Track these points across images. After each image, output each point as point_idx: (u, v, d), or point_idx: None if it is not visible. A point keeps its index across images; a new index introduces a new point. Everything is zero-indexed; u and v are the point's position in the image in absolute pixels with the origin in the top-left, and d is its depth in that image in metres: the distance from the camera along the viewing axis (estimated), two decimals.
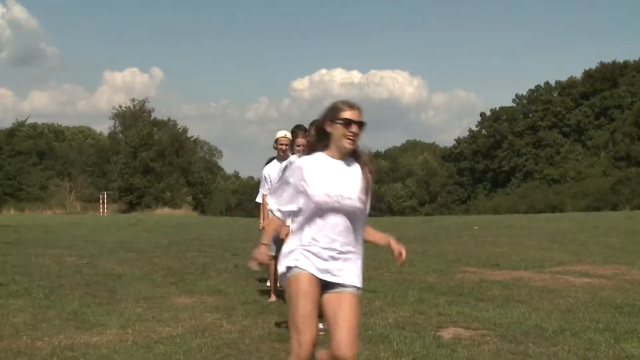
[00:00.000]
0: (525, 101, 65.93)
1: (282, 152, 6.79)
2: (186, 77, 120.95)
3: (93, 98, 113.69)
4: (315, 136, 3.39)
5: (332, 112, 3.25)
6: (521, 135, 62.59)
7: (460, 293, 7.37)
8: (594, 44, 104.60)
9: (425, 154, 71.99)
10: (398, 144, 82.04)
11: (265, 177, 7.05)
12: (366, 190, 3.23)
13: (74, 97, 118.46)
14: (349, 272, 3.21)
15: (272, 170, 6.92)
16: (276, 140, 6.82)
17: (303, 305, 3.12)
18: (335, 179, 3.20)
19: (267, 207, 3.55)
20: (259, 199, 7.17)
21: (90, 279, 8.62)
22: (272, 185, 6.71)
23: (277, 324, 5.71)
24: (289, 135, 6.65)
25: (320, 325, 4.01)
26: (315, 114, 6.04)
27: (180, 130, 53.36)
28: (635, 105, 53.50)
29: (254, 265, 3.44)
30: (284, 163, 6.33)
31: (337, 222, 3.18)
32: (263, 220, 6.97)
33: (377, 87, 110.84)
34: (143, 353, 4.77)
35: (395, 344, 4.98)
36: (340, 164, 3.26)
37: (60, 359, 4.64)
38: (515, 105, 66.58)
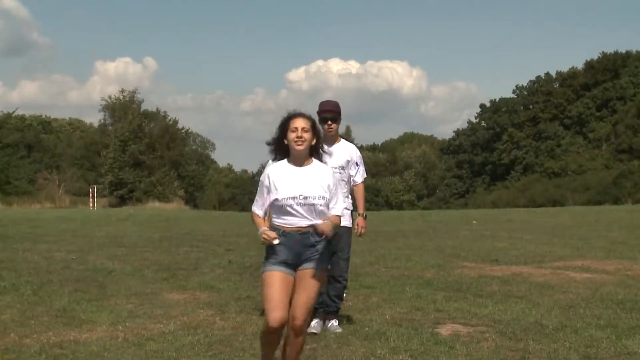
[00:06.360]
0: (525, 92, 65.65)
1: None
2: (180, 67, 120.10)
3: (85, 89, 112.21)
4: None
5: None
6: (521, 127, 62.43)
7: (459, 289, 7.33)
8: (595, 34, 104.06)
9: (424, 146, 71.86)
10: (395, 137, 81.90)
11: None
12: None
13: (65, 87, 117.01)
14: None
15: None
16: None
17: None
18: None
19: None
20: None
21: (80, 274, 8.53)
22: None
23: None
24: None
25: None
26: (313, 105, 5.83)
27: (171, 122, 52.37)
28: (638, 97, 53.34)
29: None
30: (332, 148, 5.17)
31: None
32: None
33: (375, 78, 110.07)
34: (134, 350, 4.72)
35: (392, 340, 4.94)
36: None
37: (49, 357, 4.58)
38: (515, 96, 66.38)
